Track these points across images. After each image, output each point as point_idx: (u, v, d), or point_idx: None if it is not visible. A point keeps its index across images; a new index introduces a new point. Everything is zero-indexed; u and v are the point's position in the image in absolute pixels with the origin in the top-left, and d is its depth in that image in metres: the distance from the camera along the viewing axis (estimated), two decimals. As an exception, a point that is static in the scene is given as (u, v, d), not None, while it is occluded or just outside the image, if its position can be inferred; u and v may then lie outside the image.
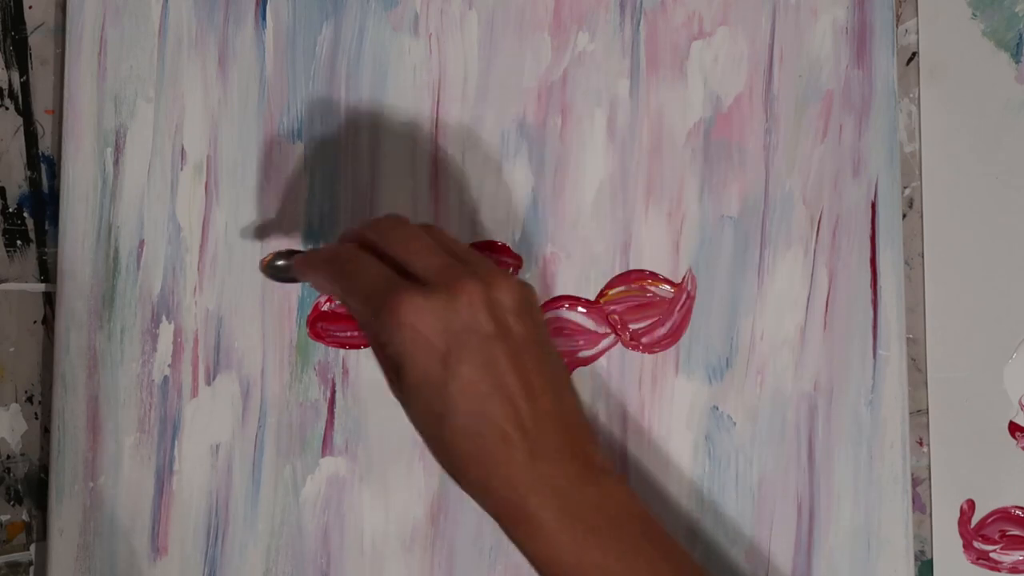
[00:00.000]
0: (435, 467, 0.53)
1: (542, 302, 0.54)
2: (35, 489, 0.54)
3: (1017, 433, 0.55)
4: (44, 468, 0.54)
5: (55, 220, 0.54)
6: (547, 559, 0.44)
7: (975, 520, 0.55)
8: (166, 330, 0.54)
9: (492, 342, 0.44)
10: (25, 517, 0.54)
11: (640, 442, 0.54)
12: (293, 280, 0.51)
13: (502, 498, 0.44)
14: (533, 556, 0.45)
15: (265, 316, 0.54)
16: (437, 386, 0.44)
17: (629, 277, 0.55)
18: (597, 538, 0.44)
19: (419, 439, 0.53)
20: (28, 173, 0.55)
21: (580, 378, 0.54)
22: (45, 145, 0.55)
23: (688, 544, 0.54)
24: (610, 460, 0.46)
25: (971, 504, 0.55)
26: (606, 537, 0.44)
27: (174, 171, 0.54)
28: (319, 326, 0.54)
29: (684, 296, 0.55)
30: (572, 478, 0.45)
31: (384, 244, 0.47)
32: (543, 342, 0.46)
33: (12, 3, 0.55)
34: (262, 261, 0.51)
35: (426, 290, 0.44)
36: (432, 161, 0.55)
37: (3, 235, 0.55)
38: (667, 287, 0.55)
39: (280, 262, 0.51)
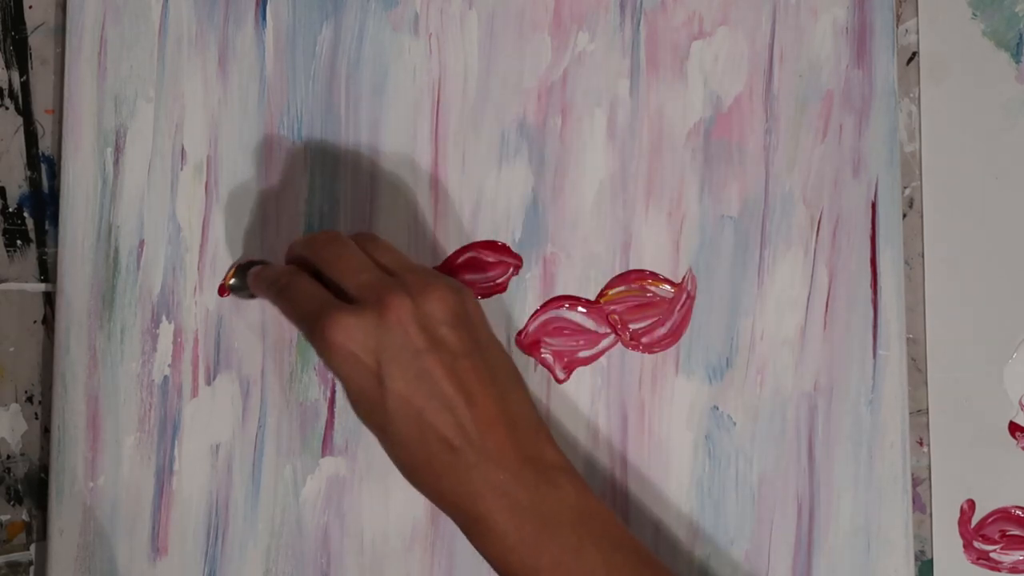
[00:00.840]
0: (435, 467, 0.54)
1: (542, 302, 0.54)
2: (35, 489, 0.54)
3: (1017, 433, 0.55)
4: (44, 468, 0.54)
5: (55, 220, 0.54)
6: (502, 561, 0.45)
7: (975, 520, 0.55)
8: (166, 330, 0.54)
9: (424, 356, 0.45)
10: (25, 517, 0.54)
11: (640, 442, 0.54)
12: (252, 297, 0.53)
13: (453, 504, 0.45)
14: (489, 558, 0.45)
15: (265, 316, 0.54)
16: (375, 403, 0.45)
17: (629, 277, 0.55)
18: (550, 537, 0.45)
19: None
20: (28, 173, 0.55)
21: (580, 378, 0.54)
22: (45, 145, 0.55)
23: (688, 544, 0.54)
24: (563, 456, 0.47)
25: (971, 504, 0.55)
26: (559, 536, 0.45)
27: (174, 171, 0.54)
28: (319, 326, 0.54)
29: (684, 296, 0.55)
30: (521, 479, 0.45)
31: (318, 263, 0.48)
32: (482, 347, 0.47)
33: (12, 3, 0.55)
34: (226, 277, 0.53)
35: (356, 309, 0.45)
36: (432, 161, 0.55)
37: (3, 235, 0.55)
38: (667, 287, 0.55)
39: (233, 280, 0.53)
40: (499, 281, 0.54)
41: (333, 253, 0.48)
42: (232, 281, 0.53)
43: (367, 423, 0.46)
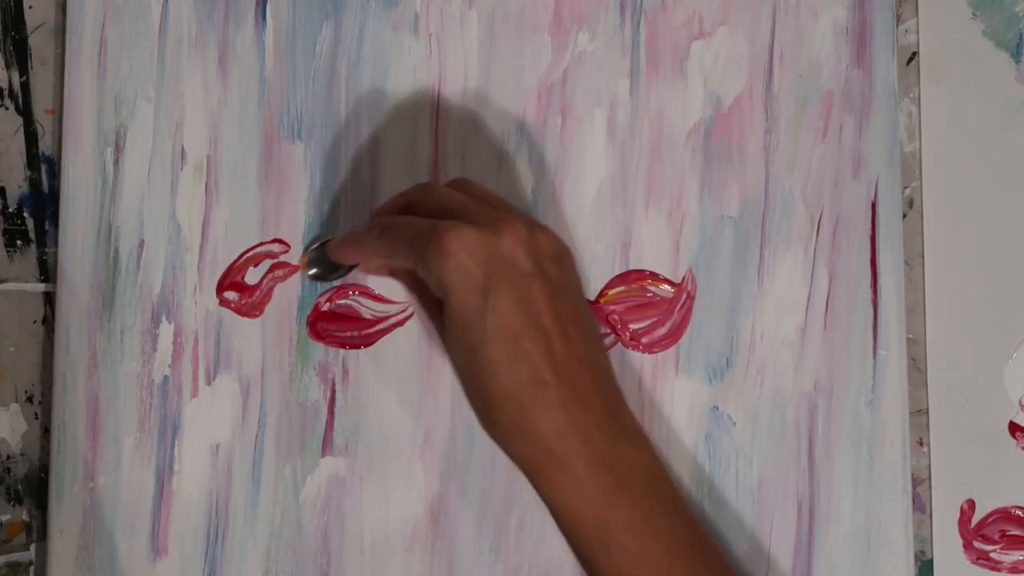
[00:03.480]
0: (435, 467, 0.53)
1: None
2: (35, 489, 0.54)
3: (1017, 433, 0.55)
4: (44, 468, 0.54)
5: (55, 220, 0.54)
6: (570, 509, 0.44)
7: (975, 520, 0.55)
8: (166, 330, 0.54)
9: (530, 280, 0.45)
10: (25, 517, 0.54)
11: (640, 442, 0.54)
12: (338, 273, 0.53)
13: (531, 441, 0.44)
14: (556, 504, 0.45)
15: (265, 316, 0.54)
16: (475, 318, 0.44)
17: (629, 277, 0.55)
18: (624, 494, 0.44)
19: (419, 438, 0.54)
20: (28, 173, 0.55)
21: (580, 378, 0.54)
22: (45, 145, 0.55)
23: (688, 544, 0.54)
24: (637, 422, 0.47)
25: (971, 504, 0.55)
26: (632, 494, 0.45)
27: (174, 171, 0.54)
28: (319, 326, 0.54)
29: (684, 296, 0.55)
30: (603, 429, 0.45)
31: (425, 204, 0.48)
32: (579, 294, 0.47)
33: (12, 3, 0.55)
34: (301, 265, 0.54)
35: (473, 224, 0.45)
36: (432, 161, 0.55)
37: (3, 235, 0.55)
38: (667, 287, 0.55)
39: (316, 270, 0.53)
40: (499, 281, 0.54)
41: (439, 195, 0.48)
42: (313, 271, 0.53)
43: (460, 345, 0.45)
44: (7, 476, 0.54)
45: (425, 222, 0.46)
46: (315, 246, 0.53)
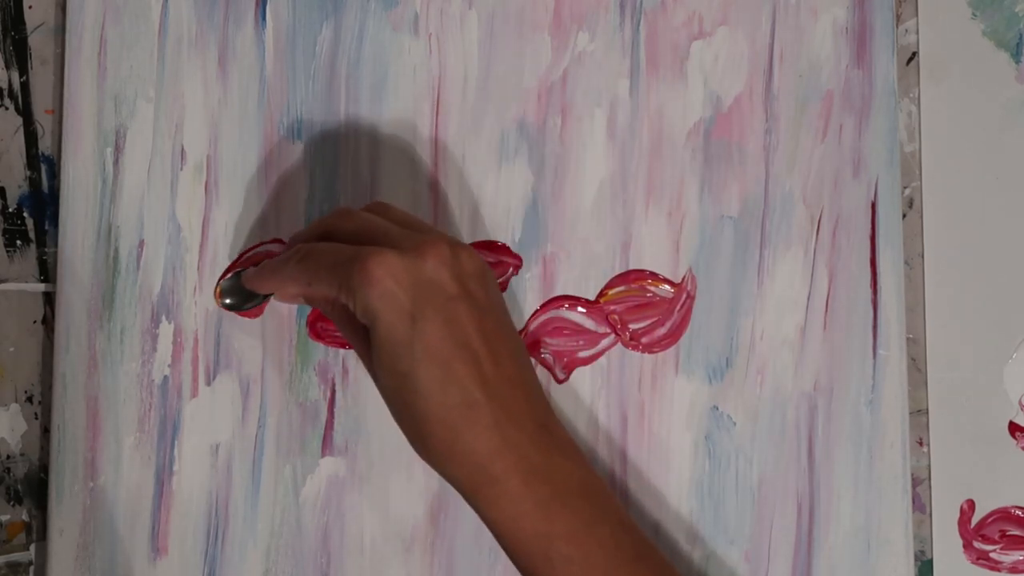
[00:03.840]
0: (435, 467, 0.54)
1: (542, 302, 0.54)
2: (35, 489, 0.54)
3: (1017, 433, 0.55)
4: (44, 468, 0.54)
5: (55, 220, 0.54)
6: (511, 527, 0.44)
7: (975, 520, 0.55)
8: (166, 330, 0.54)
9: (456, 302, 0.45)
10: (25, 517, 0.54)
11: (640, 442, 0.54)
12: (252, 302, 0.53)
13: (465, 463, 0.44)
14: (496, 524, 0.45)
15: (265, 316, 0.54)
16: (403, 344, 0.44)
17: (629, 277, 0.55)
18: (562, 505, 0.45)
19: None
20: (28, 173, 0.55)
21: (580, 378, 0.54)
22: (45, 145, 0.55)
23: (688, 544, 0.54)
24: (569, 434, 0.47)
25: (971, 504, 0.55)
26: (571, 505, 0.45)
27: (174, 171, 0.54)
28: (319, 326, 0.54)
29: (684, 296, 0.55)
30: (536, 443, 0.45)
31: (345, 230, 0.47)
32: (503, 311, 0.47)
33: (12, 3, 0.55)
34: (215, 295, 0.53)
35: (396, 249, 0.45)
36: (432, 161, 0.55)
37: (3, 235, 0.55)
38: (667, 287, 0.55)
39: (229, 300, 0.53)
40: (499, 281, 0.54)
41: (359, 219, 0.48)
42: (228, 300, 0.53)
43: (389, 371, 0.45)
44: (7, 476, 0.54)
45: (347, 248, 0.46)
46: (228, 276, 0.53)
